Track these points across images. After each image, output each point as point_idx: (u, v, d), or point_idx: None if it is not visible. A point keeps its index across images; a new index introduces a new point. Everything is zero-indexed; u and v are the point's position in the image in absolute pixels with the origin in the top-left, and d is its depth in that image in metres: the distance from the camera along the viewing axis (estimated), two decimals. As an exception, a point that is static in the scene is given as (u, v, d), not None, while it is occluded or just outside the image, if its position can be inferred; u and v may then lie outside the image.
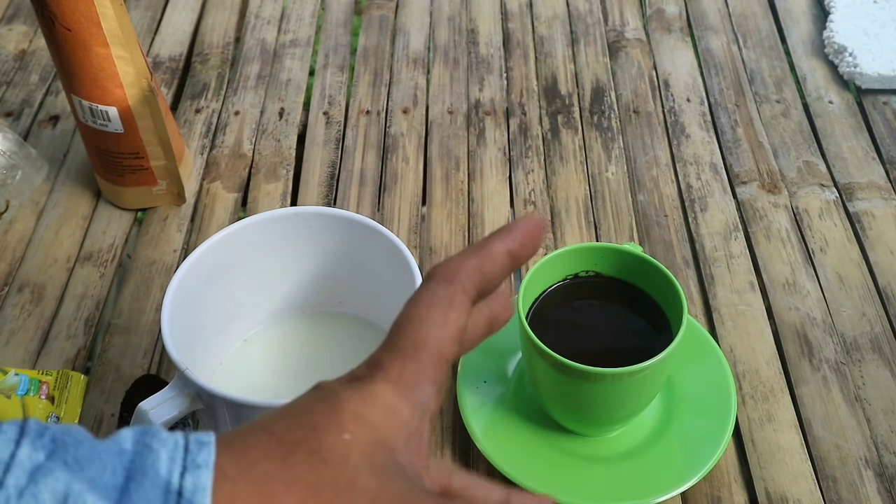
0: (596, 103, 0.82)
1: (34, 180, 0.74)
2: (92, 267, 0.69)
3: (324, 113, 0.82)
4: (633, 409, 0.54)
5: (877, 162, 0.76)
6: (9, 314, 0.66)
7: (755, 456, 0.56)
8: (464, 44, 0.89)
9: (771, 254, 0.68)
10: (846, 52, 0.83)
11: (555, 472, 0.54)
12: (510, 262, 0.32)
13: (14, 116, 0.82)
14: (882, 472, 0.55)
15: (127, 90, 0.66)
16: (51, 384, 0.59)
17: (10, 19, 0.93)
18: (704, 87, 0.83)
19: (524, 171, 0.75)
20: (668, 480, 0.53)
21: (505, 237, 0.32)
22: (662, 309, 0.54)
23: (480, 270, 0.31)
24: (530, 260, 0.68)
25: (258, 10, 0.93)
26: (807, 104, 0.81)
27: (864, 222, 0.70)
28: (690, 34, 0.89)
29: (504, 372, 0.59)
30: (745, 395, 0.59)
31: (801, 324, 0.63)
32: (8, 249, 0.70)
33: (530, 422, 0.57)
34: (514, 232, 0.32)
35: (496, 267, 0.32)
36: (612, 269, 0.56)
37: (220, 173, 0.76)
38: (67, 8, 0.61)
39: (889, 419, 0.58)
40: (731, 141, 0.78)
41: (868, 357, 0.61)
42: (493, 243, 0.32)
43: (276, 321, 0.59)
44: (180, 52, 0.89)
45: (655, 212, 0.72)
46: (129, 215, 0.73)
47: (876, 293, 0.65)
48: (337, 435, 0.28)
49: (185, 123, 0.81)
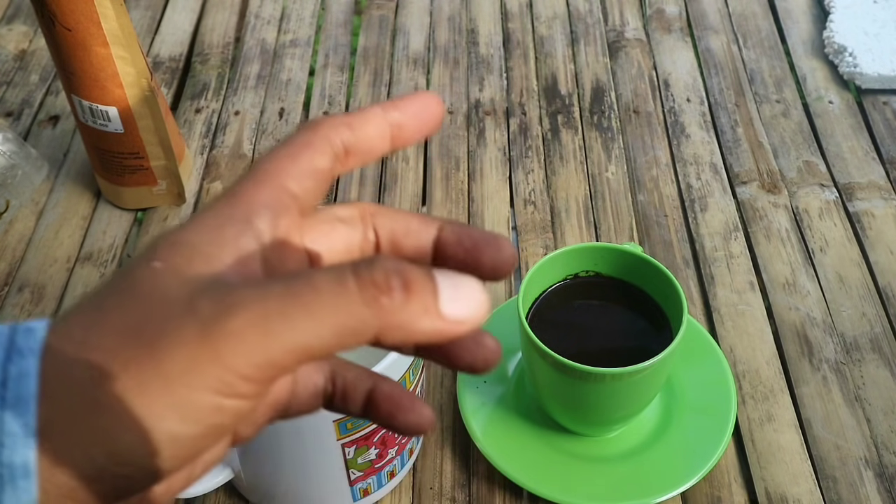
0: (596, 103, 0.82)
1: (34, 180, 0.74)
2: (92, 267, 0.69)
3: (324, 113, 0.82)
4: (633, 409, 0.54)
5: (877, 162, 0.76)
6: (9, 314, 0.66)
7: (755, 456, 0.56)
8: (464, 44, 0.89)
9: (771, 254, 0.68)
10: (846, 52, 0.83)
11: (555, 472, 0.54)
12: (389, 128, 0.30)
13: (14, 116, 0.82)
14: (882, 472, 0.55)
15: (127, 90, 0.66)
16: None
17: (10, 19, 0.93)
18: (704, 87, 0.83)
19: (524, 171, 0.75)
20: (668, 480, 0.53)
21: (387, 104, 0.31)
22: (662, 309, 0.54)
23: (349, 125, 0.30)
24: (529, 259, 0.68)
25: (258, 10, 0.94)
26: (807, 104, 0.81)
27: (864, 222, 0.70)
28: (690, 34, 0.89)
29: (504, 372, 0.59)
30: (745, 395, 0.59)
31: (801, 324, 0.63)
32: (8, 249, 0.70)
33: (530, 422, 0.57)
34: (398, 101, 0.31)
35: (368, 126, 0.30)
36: (612, 269, 0.56)
37: (221, 173, 0.76)
38: (67, 8, 0.61)
39: (889, 419, 0.58)
40: (731, 141, 0.78)
41: (868, 357, 0.61)
42: (372, 107, 0.30)
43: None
44: (180, 52, 0.89)
45: (655, 212, 0.72)
46: (129, 215, 0.73)
47: (876, 293, 0.65)
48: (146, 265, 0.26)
49: (185, 123, 0.81)
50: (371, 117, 0.30)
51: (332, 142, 0.29)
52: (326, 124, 0.29)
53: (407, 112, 0.31)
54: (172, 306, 0.25)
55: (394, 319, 0.25)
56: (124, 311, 0.25)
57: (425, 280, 0.25)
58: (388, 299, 0.24)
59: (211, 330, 0.24)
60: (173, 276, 0.26)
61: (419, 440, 0.56)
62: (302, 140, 0.29)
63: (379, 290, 0.24)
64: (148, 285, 0.26)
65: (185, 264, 0.26)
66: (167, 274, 0.26)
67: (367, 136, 0.30)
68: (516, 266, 0.30)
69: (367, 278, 0.24)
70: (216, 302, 0.25)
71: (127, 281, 0.26)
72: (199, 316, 0.24)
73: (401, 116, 0.30)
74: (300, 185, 0.29)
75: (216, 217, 0.27)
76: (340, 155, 0.30)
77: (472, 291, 0.25)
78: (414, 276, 0.25)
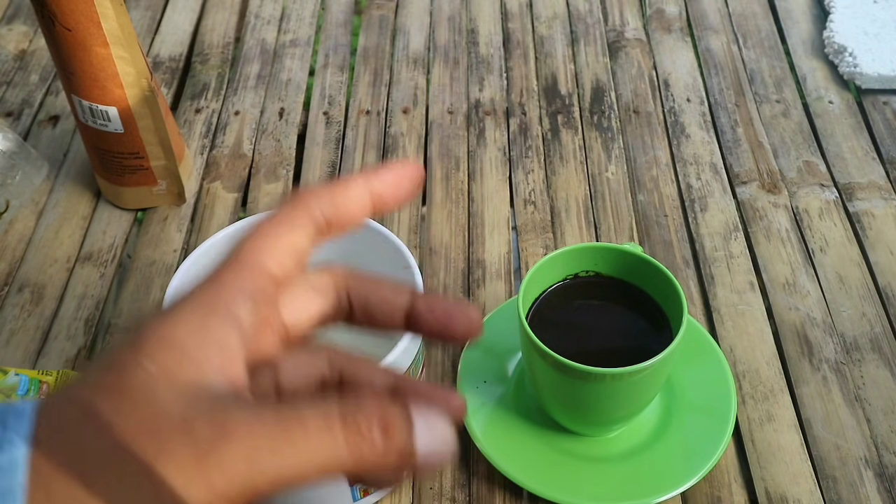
0: (596, 103, 0.82)
1: (34, 180, 0.74)
2: (92, 267, 0.69)
3: (324, 113, 0.82)
4: (633, 409, 0.54)
5: (877, 162, 0.76)
6: (9, 314, 0.66)
7: (755, 456, 0.56)
8: (464, 44, 0.89)
9: (771, 254, 0.68)
10: (846, 52, 0.83)
11: (555, 472, 0.54)
12: (369, 198, 0.32)
13: (14, 116, 0.82)
14: (882, 472, 0.55)
15: (127, 90, 0.66)
16: (51, 384, 0.59)
17: (10, 19, 0.93)
18: (704, 87, 0.83)
19: (524, 171, 0.75)
20: (668, 480, 0.53)
21: (368, 174, 0.32)
22: (662, 309, 0.54)
23: (331, 199, 0.31)
24: (529, 259, 0.68)
25: (258, 10, 0.94)
26: (807, 104, 0.81)
27: (864, 222, 0.70)
28: (690, 34, 0.89)
29: (504, 372, 0.59)
30: (745, 395, 0.59)
31: (801, 324, 0.63)
32: (8, 249, 0.70)
33: (530, 422, 0.57)
34: (379, 171, 0.32)
35: (350, 199, 0.31)
36: (612, 269, 0.56)
37: (220, 173, 0.76)
38: (67, 8, 0.61)
39: (889, 419, 0.58)
40: (731, 141, 0.78)
41: (868, 357, 0.61)
42: (354, 178, 0.32)
43: (276, 321, 0.59)
44: (180, 52, 0.89)
45: (655, 212, 0.72)
46: (129, 215, 0.73)
47: (876, 293, 0.65)
48: (138, 368, 0.27)
49: (185, 123, 0.81)
50: (353, 188, 0.32)
51: (314, 216, 0.31)
52: (309, 197, 0.31)
53: (388, 181, 0.32)
54: (168, 421, 0.26)
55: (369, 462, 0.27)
56: (120, 418, 0.26)
57: (404, 425, 0.27)
58: (368, 447, 0.27)
59: (206, 457, 0.26)
60: (167, 384, 0.27)
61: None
62: (284, 217, 0.31)
63: (362, 438, 0.27)
64: (141, 391, 0.27)
65: (177, 369, 0.27)
66: (160, 381, 0.27)
67: (348, 208, 0.32)
68: (482, 331, 0.33)
69: (352, 425, 0.27)
70: (211, 426, 0.26)
71: (121, 381, 0.27)
72: (195, 439, 0.26)
73: (382, 186, 0.32)
74: (280, 266, 0.30)
75: (200, 308, 0.29)
76: (322, 228, 0.31)
77: (444, 429, 0.28)
78: (394, 422, 0.27)
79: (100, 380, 0.27)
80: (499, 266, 0.68)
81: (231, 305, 0.29)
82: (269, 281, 0.30)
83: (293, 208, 0.31)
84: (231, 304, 0.29)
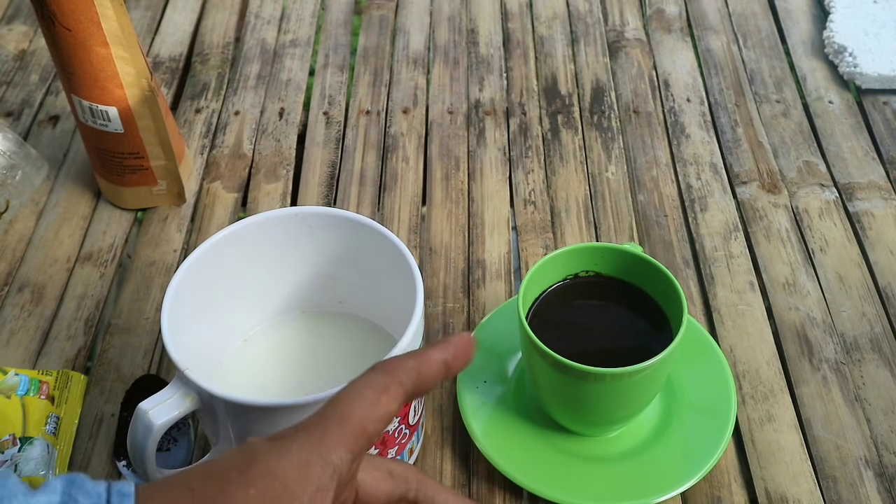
0: (596, 103, 0.82)
1: (34, 180, 0.74)
2: (92, 267, 0.69)
3: (324, 113, 0.82)
4: (633, 409, 0.54)
5: (877, 162, 0.76)
6: (9, 314, 0.66)
7: (755, 456, 0.56)
8: (464, 44, 0.89)
9: (771, 254, 0.68)
10: (846, 52, 0.83)
11: (555, 472, 0.54)
12: (444, 369, 0.37)
13: (14, 116, 0.82)
14: (882, 472, 0.55)
15: (127, 90, 0.66)
16: (51, 384, 0.59)
17: (10, 19, 0.93)
18: (704, 87, 0.83)
19: (524, 171, 0.75)
20: (668, 480, 0.53)
21: (443, 348, 0.38)
22: (662, 309, 0.54)
23: (417, 370, 0.36)
24: (529, 259, 0.68)
25: (258, 10, 0.94)
26: (807, 104, 0.81)
27: (864, 222, 0.70)
28: (690, 34, 0.89)
29: (504, 372, 0.59)
30: (745, 395, 0.59)
31: (801, 324, 0.63)
32: (8, 249, 0.70)
33: (530, 422, 0.57)
34: (450, 345, 0.38)
35: (431, 371, 0.37)
36: (612, 269, 0.56)
37: (220, 173, 0.76)
38: (67, 8, 0.61)
39: (889, 419, 0.58)
40: (731, 141, 0.78)
41: (868, 357, 0.61)
42: (432, 351, 0.37)
43: (276, 321, 0.59)
44: (180, 52, 0.89)
45: (655, 212, 0.72)
46: (129, 215, 0.73)
47: (876, 293, 0.65)
48: (244, 489, 0.31)
49: (185, 123, 0.81)
50: (433, 362, 0.37)
51: (405, 387, 0.36)
52: (401, 370, 0.36)
53: (454, 353, 0.38)
54: None
55: None
56: None
57: None
58: None
59: None
60: None
61: (419, 440, 0.56)
62: (380, 385, 0.36)
63: None
64: None
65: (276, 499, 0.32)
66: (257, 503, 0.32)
67: (429, 376, 0.37)
68: None
69: None
70: None
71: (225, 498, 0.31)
72: None
73: (451, 357, 0.38)
74: (376, 429, 0.35)
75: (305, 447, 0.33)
76: (410, 396, 0.36)
77: None
78: None
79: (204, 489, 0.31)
80: (499, 266, 0.68)
81: (333, 454, 0.33)
82: (367, 441, 0.35)
83: (388, 377, 0.36)
84: (333, 452, 0.34)
